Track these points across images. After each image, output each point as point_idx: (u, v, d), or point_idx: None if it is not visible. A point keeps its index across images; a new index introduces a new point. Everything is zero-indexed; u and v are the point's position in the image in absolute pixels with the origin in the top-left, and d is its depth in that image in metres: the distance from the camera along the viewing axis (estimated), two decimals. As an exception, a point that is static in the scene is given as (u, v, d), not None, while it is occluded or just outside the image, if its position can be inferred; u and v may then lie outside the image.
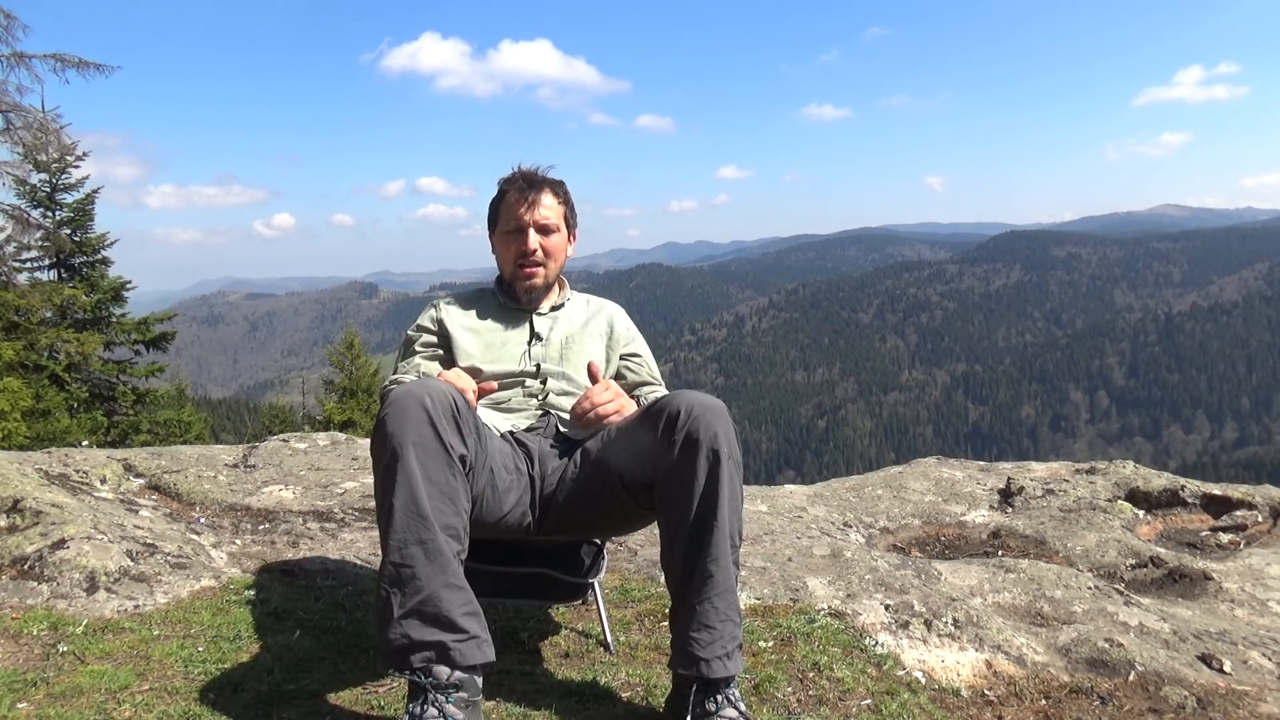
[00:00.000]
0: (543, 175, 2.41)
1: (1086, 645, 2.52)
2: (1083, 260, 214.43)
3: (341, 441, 4.91)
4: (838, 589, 2.80)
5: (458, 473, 1.74)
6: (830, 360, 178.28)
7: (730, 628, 1.80)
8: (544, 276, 2.39)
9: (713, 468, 1.80)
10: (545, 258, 2.37)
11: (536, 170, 2.41)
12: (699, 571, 1.80)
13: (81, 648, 2.10)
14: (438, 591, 1.64)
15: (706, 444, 1.80)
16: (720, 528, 1.80)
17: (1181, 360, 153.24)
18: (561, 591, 2.22)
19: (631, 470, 1.93)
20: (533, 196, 2.34)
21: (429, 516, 1.67)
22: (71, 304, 15.39)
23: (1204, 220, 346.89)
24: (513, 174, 2.40)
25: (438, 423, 1.72)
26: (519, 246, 2.36)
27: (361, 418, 18.62)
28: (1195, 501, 4.33)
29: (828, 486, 4.61)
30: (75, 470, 3.73)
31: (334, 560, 3.03)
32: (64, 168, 15.48)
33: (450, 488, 1.72)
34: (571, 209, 2.45)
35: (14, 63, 11.20)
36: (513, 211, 2.36)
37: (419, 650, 1.62)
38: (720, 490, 1.80)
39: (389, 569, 1.66)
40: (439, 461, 1.71)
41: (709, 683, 1.77)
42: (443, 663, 1.62)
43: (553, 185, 2.40)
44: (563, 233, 2.41)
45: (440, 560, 1.66)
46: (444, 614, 1.64)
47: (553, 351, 2.37)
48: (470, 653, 1.64)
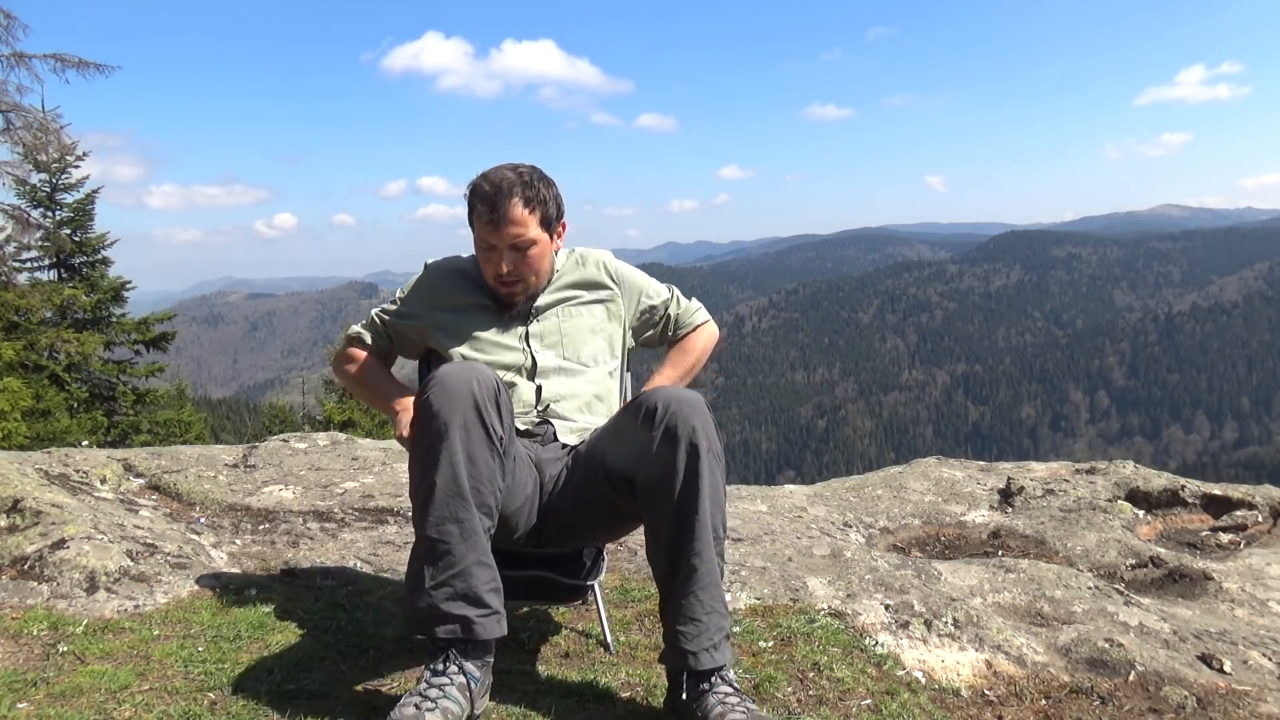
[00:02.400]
0: (508, 182, 2.13)
1: (1086, 645, 2.52)
2: (1083, 260, 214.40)
3: (341, 441, 4.91)
4: (838, 589, 2.80)
5: (497, 454, 1.82)
6: (830, 360, 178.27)
7: (716, 619, 1.82)
8: (525, 289, 2.24)
9: (691, 461, 1.81)
10: (523, 274, 2.21)
11: (501, 177, 2.14)
12: (683, 566, 1.82)
13: (81, 648, 2.10)
14: (469, 568, 1.75)
15: (685, 438, 1.81)
16: (702, 521, 1.81)
17: (1181, 360, 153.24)
18: (562, 592, 2.23)
19: (616, 467, 1.95)
20: (498, 215, 2.12)
21: (467, 496, 1.76)
22: (71, 304, 15.40)
23: (1204, 220, 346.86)
24: (476, 184, 2.17)
25: (483, 405, 1.80)
26: (493, 268, 2.20)
27: (361, 418, 18.61)
28: (1195, 501, 4.33)
29: (828, 486, 4.61)
30: (75, 470, 3.73)
31: (334, 560, 3.03)
32: (64, 168, 15.49)
33: (490, 468, 1.80)
34: (549, 206, 2.21)
35: (14, 63, 11.20)
36: (481, 231, 2.18)
37: (447, 622, 1.74)
38: (700, 483, 1.81)
39: (426, 543, 1.77)
40: (481, 443, 1.78)
41: (698, 674, 1.81)
42: (467, 635, 1.75)
43: (523, 192, 2.14)
44: (541, 241, 2.20)
45: (474, 539, 1.77)
46: (473, 590, 1.75)
47: (549, 335, 2.27)
48: (491, 628, 1.77)
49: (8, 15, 11.01)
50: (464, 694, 1.70)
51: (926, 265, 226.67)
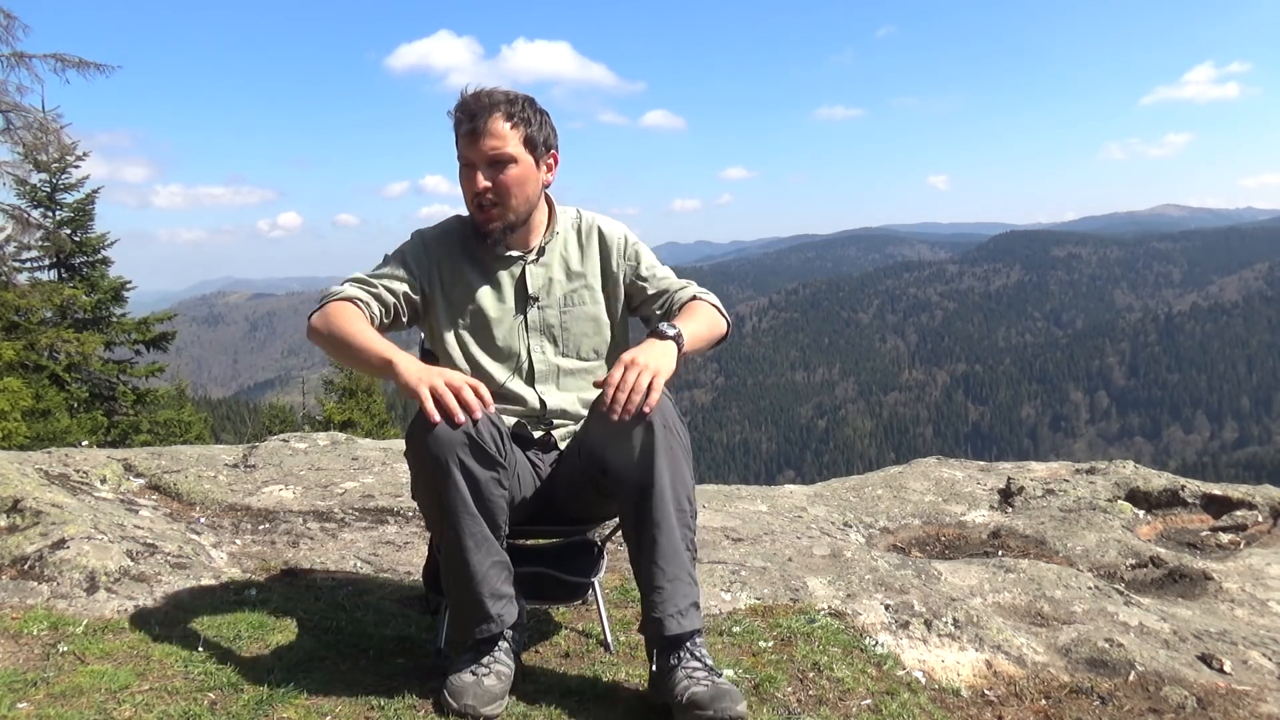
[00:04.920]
0: (492, 97, 2.02)
1: (1086, 645, 2.52)
2: (1083, 260, 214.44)
3: (341, 441, 4.91)
4: (838, 589, 2.80)
5: (500, 469, 1.85)
6: (830, 360, 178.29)
7: (681, 586, 1.87)
8: (502, 218, 2.06)
9: (647, 438, 1.84)
10: (502, 195, 2.04)
11: (487, 92, 2.03)
12: (645, 538, 1.88)
13: (81, 648, 2.10)
14: (487, 572, 1.88)
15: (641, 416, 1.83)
16: (660, 493, 1.85)
17: (1181, 360, 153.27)
18: (562, 592, 2.24)
19: (591, 449, 1.97)
20: (478, 125, 1.99)
21: (475, 512, 1.84)
22: (71, 304, 15.40)
23: (1204, 220, 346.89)
24: (461, 97, 2.04)
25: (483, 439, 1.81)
26: (470, 186, 2.04)
27: (362, 418, 18.62)
28: (1195, 501, 4.33)
29: (828, 486, 4.61)
30: (75, 470, 3.73)
31: (334, 560, 3.03)
32: (64, 168, 15.50)
33: (492, 483, 1.85)
34: (539, 126, 2.06)
35: (14, 63, 11.20)
36: (461, 147, 2.04)
37: (479, 623, 1.89)
38: (657, 459, 1.84)
39: (446, 559, 1.90)
40: (482, 464, 1.82)
41: (668, 640, 1.87)
42: (499, 630, 1.91)
43: (505, 105, 2.02)
44: (523, 162, 2.04)
45: (487, 546, 1.87)
46: (494, 589, 1.90)
47: (550, 328, 2.16)
48: (510, 615, 1.93)
49: (8, 15, 11.02)
50: (509, 655, 1.92)
51: (926, 265, 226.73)
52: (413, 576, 2.86)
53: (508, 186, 2.03)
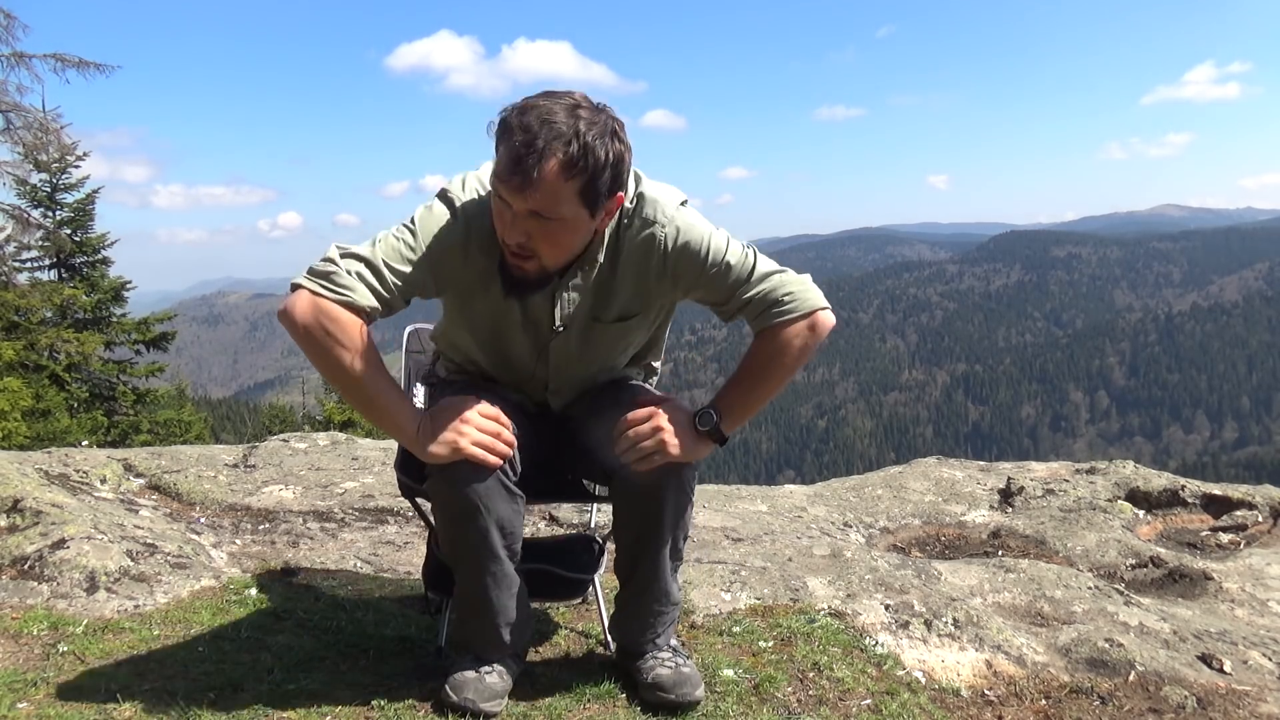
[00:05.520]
0: (550, 131, 1.59)
1: (1086, 645, 2.52)
2: (1083, 260, 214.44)
3: (341, 441, 4.91)
4: (838, 589, 2.80)
5: (519, 502, 1.87)
6: (830, 360, 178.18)
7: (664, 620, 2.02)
8: (539, 267, 1.75)
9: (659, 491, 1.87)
10: (539, 249, 1.71)
11: (543, 119, 1.59)
12: (638, 575, 1.98)
13: (81, 648, 2.10)
14: (505, 604, 1.92)
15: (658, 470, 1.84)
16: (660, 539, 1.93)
17: (1181, 360, 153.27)
18: (563, 589, 2.26)
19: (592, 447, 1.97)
20: (526, 176, 1.59)
21: (499, 553, 1.87)
22: (71, 304, 15.41)
23: (1204, 220, 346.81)
24: (509, 118, 1.62)
25: (505, 474, 1.81)
26: (502, 230, 1.71)
27: (362, 417, 18.58)
28: (1195, 501, 4.33)
29: (828, 486, 4.61)
30: (75, 470, 3.73)
31: (334, 560, 3.03)
32: (64, 168, 15.51)
33: (514, 516, 1.86)
34: (604, 168, 1.64)
35: (14, 62, 11.21)
36: (497, 184, 1.66)
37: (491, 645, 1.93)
38: (665, 511, 1.89)
39: (464, 592, 1.93)
40: (506, 502, 1.83)
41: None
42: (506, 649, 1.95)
43: (563, 151, 1.59)
44: (572, 219, 1.68)
45: (505, 580, 1.91)
46: (510, 619, 1.93)
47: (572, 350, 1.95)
48: (522, 634, 1.98)
49: (8, 15, 11.03)
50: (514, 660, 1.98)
51: (926, 265, 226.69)
52: (413, 576, 2.86)
53: (549, 239, 1.70)
